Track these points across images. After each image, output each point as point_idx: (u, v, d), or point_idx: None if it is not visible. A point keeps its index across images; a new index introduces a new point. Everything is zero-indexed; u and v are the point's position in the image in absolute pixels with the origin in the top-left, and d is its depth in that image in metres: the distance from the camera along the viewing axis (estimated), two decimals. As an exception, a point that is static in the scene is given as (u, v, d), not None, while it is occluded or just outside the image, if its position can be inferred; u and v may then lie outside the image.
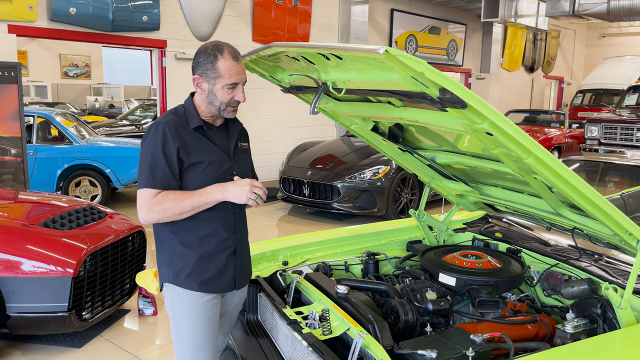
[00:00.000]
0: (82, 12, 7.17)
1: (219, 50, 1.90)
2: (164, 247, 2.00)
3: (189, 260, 1.96)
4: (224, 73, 1.90)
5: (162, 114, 2.00)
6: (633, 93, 10.98)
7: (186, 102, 2.02)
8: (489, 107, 1.54)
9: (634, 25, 19.20)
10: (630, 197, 3.51)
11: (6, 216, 3.70)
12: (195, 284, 1.96)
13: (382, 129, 2.41)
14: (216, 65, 1.89)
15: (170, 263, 1.98)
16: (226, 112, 1.98)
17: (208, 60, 1.90)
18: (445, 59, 14.13)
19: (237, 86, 1.94)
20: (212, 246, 1.98)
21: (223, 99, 1.94)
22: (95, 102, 18.03)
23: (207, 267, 1.98)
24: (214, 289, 2.00)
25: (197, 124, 1.95)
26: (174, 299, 2.00)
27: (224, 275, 2.02)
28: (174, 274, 1.97)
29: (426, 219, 2.85)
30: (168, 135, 1.88)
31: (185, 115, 1.98)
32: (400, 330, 1.99)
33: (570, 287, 2.16)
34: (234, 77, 1.92)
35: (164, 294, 2.06)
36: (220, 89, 1.92)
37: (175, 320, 2.02)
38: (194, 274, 1.96)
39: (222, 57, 1.89)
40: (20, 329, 3.35)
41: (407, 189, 7.15)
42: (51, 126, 7.37)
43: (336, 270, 2.65)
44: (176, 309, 2.00)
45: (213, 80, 1.92)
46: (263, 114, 9.88)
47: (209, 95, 1.94)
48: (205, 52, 1.92)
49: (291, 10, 9.98)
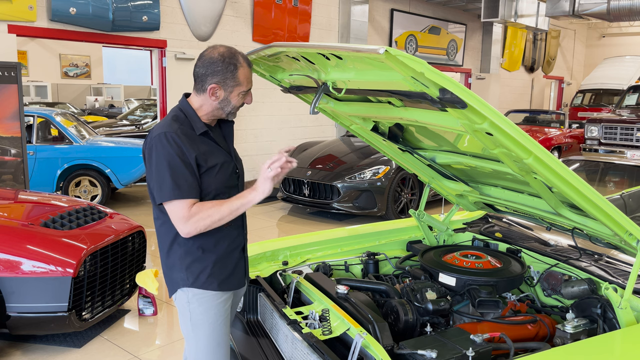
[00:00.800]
0: (82, 12, 7.17)
1: (236, 59, 1.93)
2: (179, 253, 1.99)
3: (208, 262, 1.98)
4: (243, 81, 1.95)
5: (163, 122, 1.97)
6: (633, 93, 10.98)
7: (183, 106, 2.01)
8: (489, 107, 1.54)
9: (634, 25, 19.20)
10: (630, 197, 3.51)
11: (6, 216, 3.70)
12: (215, 284, 1.99)
13: (382, 129, 2.41)
14: (236, 74, 1.93)
15: (188, 268, 1.98)
16: (232, 115, 2.04)
17: (228, 69, 1.92)
18: (445, 59, 14.13)
19: (249, 91, 2.01)
20: (226, 245, 2.02)
21: (236, 104, 1.99)
22: (95, 102, 18.02)
23: (225, 267, 2.02)
24: (231, 287, 2.05)
25: (203, 129, 1.97)
26: (192, 301, 2.00)
27: (238, 272, 2.08)
28: (193, 278, 1.98)
29: (426, 219, 2.85)
30: (181, 145, 1.88)
31: (187, 121, 1.97)
32: (400, 330, 1.99)
33: (570, 287, 2.16)
34: (250, 83, 1.99)
35: (176, 298, 2.05)
36: (236, 95, 1.97)
37: (194, 321, 2.01)
38: (214, 275, 1.99)
39: (240, 66, 1.93)
40: (20, 329, 3.35)
41: (407, 189, 7.15)
42: (51, 126, 7.37)
43: (336, 270, 2.66)
44: (195, 311, 2.00)
45: (231, 89, 1.95)
46: (263, 114, 9.88)
47: (223, 102, 1.97)
48: (223, 62, 1.92)
49: (291, 10, 9.98)
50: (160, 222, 2.01)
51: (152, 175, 1.91)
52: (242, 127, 9.50)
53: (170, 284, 2.06)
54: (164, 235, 2.02)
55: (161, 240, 2.04)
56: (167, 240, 2.01)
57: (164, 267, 2.07)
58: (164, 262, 2.06)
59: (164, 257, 2.04)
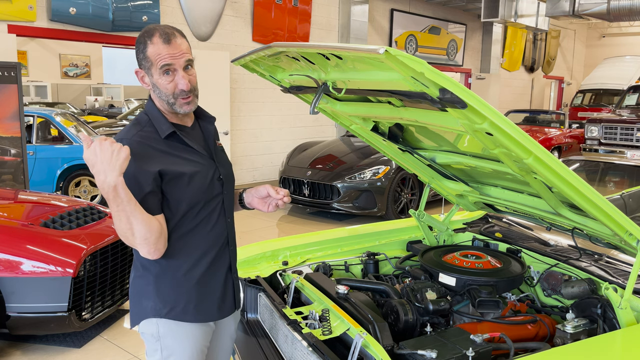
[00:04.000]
0: (82, 12, 7.17)
1: (149, 34, 1.65)
2: (147, 278, 1.71)
3: (184, 288, 1.70)
4: (154, 59, 1.65)
5: (123, 129, 1.71)
6: (633, 93, 10.98)
7: (148, 108, 1.74)
8: (489, 107, 1.54)
9: (634, 25, 19.21)
10: (630, 197, 3.51)
11: (6, 216, 3.70)
12: (193, 315, 1.71)
13: (382, 129, 2.41)
14: (146, 52, 1.65)
15: (159, 295, 1.69)
16: (178, 106, 1.69)
17: (140, 49, 1.67)
18: (445, 59, 14.13)
19: (176, 70, 1.67)
20: (206, 266, 1.73)
21: (166, 90, 1.67)
22: (95, 102, 18.02)
23: (206, 293, 1.74)
24: (213, 316, 1.77)
25: (169, 131, 1.69)
26: (164, 334, 1.71)
27: (225, 297, 1.80)
28: (167, 308, 1.69)
29: (426, 219, 2.85)
30: (133, 156, 1.58)
31: (150, 123, 1.71)
32: (400, 330, 1.99)
33: (570, 287, 2.16)
34: (164, 59, 1.64)
35: (141, 331, 1.74)
36: (159, 78, 1.66)
37: (166, 355, 1.72)
38: (191, 304, 1.71)
39: (151, 42, 1.64)
40: (20, 329, 3.35)
41: (407, 189, 7.14)
42: (51, 126, 7.37)
43: (336, 270, 2.65)
44: (168, 345, 1.71)
45: (149, 71, 1.68)
46: (263, 114, 9.88)
47: (154, 89, 1.70)
48: (137, 41, 1.68)
49: (291, 10, 9.98)
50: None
51: None
52: (242, 127, 9.50)
53: (136, 313, 1.74)
54: (136, 258, 1.74)
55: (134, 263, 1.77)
56: (137, 263, 1.75)
57: (130, 295, 1.77)
58: (131, 289, 1.77)
59: (131, 282, 1.78)
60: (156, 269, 1.70)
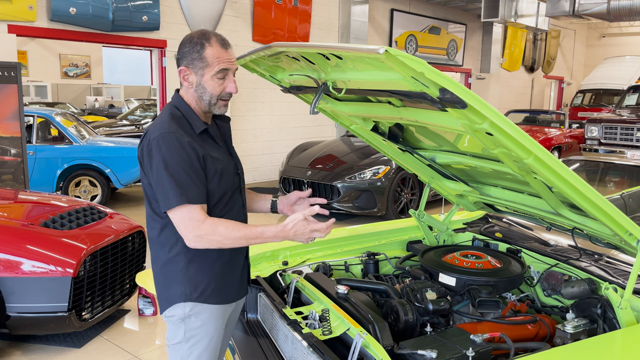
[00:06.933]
0: (82, 12, 7.17)
1: (206, 37, 1.76)
2: (181, 265, 1.81)
3: (212, 273, 1.83)
4: (212, 61, 1.75)
5: (158, 122, 1.79)
6: (633, 93, 10.98)
7: (178, 103, 1.84)
8: (489, 107, 1.54)
9: (634, 25, 19.21)
10: (630, 197, 3.51)
11: (6, 216, 3.70)
12: (219, 297, 1.85)
13: (382, 129, 2.41)
14: (203, 53, 1.75)
15: (189, 281, 1.81)
16: (217, 107, 1.82)
17: (194, 49, 1.76)
18: (445, 59, 14.13)
19: (228, 75, 1.80)
20: (230, 252, 1.87)
21: (213, 92, 1.78)
22: (95, 102, 18.04)
23: (229, 276, 1.88)
24: (233, 298, 1.92)
25: (203, 127, 1.81)
26: (190, 317, 1.83)
27: (241, 280, 1.95)
28: (197, 292, 1.81)
29: (426, 219, 2.85)
30: (186, 146, 1.71)
31: (184, 119, 1.80)
32: (400, 330, 1.99)
33: (570, 287, 2.16)
34: (224, 64, 1.77)
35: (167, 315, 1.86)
36: (210, 79, 1.77)
37: (188, 336, 1.84)
38: (217, 287, 1.84)
39: (209, 45, 1.76)
40: (20, 329, 3.35)
41: (407, 189, 7.14)
42: (51, 126, 7.37)
43: (336, 270, 2.65)
44: (192, 326, 1.84)
45: (201, 71, 1.77)
46: (263, 114, 9.88)
47: (198, 88, 1.79)
48: (190, 42, 1.77)
49: (291, 10, 9.98)
50: (157, 231, 1.82)
51: (154, 180, 1.72)
52: (242, 127, 9.50)
53: (165, 300, 1.85)
54: (162, 245, 1.82)
55: (158, 251, 1.84)
56: (165, 250, 1.82)
57: (158, 281, 1.87)
58: (158, 275, 1.86)
59: (159, 269, 1.85)
60: (189, 255, 1.80)
